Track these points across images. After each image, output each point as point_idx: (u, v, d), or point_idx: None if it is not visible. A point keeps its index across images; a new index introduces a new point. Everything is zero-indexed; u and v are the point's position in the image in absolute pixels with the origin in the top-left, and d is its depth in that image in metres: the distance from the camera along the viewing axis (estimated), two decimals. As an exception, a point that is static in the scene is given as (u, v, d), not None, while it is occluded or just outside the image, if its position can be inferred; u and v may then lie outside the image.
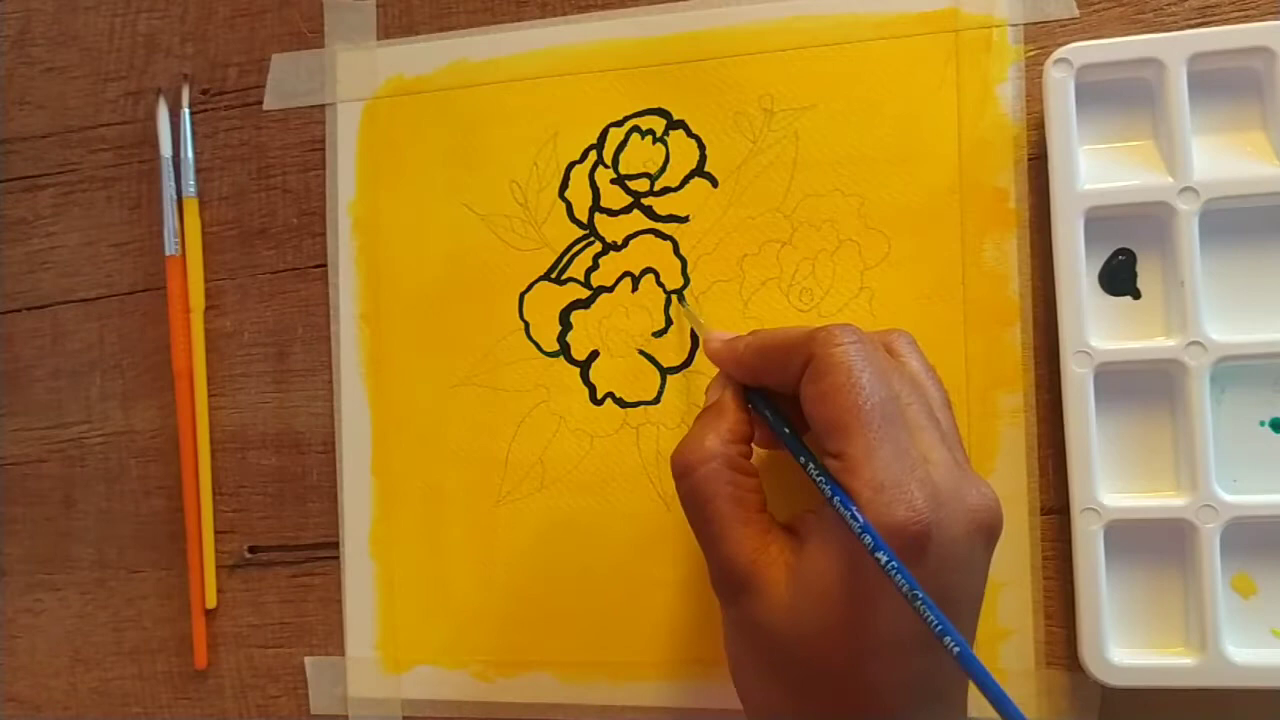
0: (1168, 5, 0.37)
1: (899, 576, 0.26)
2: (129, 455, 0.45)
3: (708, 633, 0.39)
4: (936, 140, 0.38)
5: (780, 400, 0.32)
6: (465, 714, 0.41)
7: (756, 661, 0.30)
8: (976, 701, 0.37)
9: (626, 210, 0.41)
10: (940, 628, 0.25)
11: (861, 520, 0.27)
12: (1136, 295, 0.37)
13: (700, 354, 0.40)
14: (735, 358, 0.33)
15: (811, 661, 0.28)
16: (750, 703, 0.31)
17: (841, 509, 0.27)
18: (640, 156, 0.41)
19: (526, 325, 0.41)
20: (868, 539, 0.26)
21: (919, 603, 0.25)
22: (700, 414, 0.33)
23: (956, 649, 0.25)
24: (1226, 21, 0.37)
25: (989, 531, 0.29)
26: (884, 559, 0.26)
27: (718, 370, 0.34)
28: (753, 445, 0.32)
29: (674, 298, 0.40)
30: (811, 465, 0.29)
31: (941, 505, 0.27)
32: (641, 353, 0.40)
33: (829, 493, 0.28)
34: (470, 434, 0.42)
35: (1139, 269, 0.36)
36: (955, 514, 0.28)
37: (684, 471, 0.31)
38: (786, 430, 0.31)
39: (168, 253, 0.44)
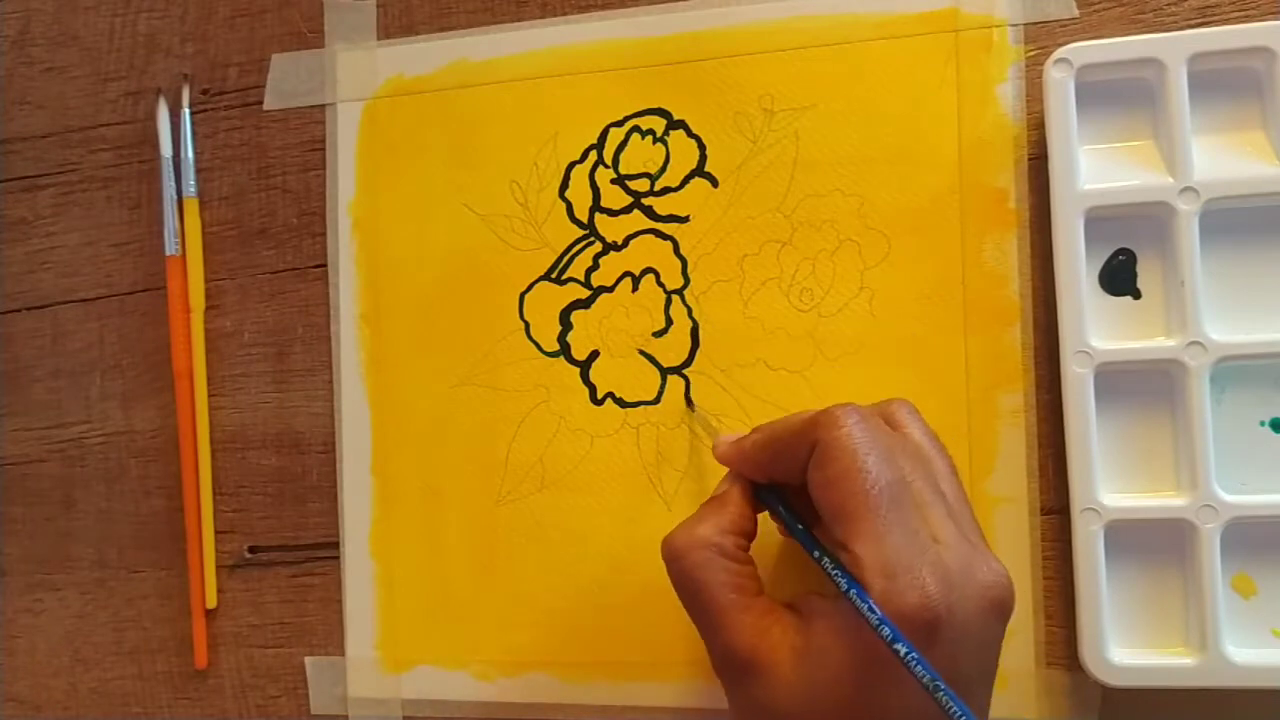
0: (1168, 5, 0.37)
1: (919, 668, 0.26)
2: (129, 455, 0.45)
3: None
4: (936, 140, 0.38)
5: (791, 495, 0.32)
6: (465, 714, 0.41)
7: None
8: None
9: (627, 210, 0.41)
10: (962, 716, 0.25)
11: (879, 614, 0.26)
12: (1136, 295, 0.36)
13: (700, 354, 0.40)
14: (742, 455, 0.33)
15: None
16: None
17: (859, 602, 0.27)
18: (640, 156, 0.41)
19: (526, 325, 0.41)
20: (886, 631, 0.26)
21: (941, 694, 0.25)
22: (703, 503, 0.33)
23: None
24: (1226, 21, 0.37)
25: (1001, 608, 0.29)
26: (904, 651, 0.26)
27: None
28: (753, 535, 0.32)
29: (686, 407, 0.40)
30: (826, 560, 0.29)
31: (953, 587, 0.27)
32: (641, 353, 0.40)
33: (844, 586, 0.28)
34: (470, 434, 0.42)
35: (1139, 269, 0.36)
36: (968, 594, 0.28)
37: (673, 556, 0.31)
38: (799, 526, 0.31)
39: (168, 253, 0.44)
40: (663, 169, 0.41)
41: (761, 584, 0.31)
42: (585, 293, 0.41)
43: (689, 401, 0.39)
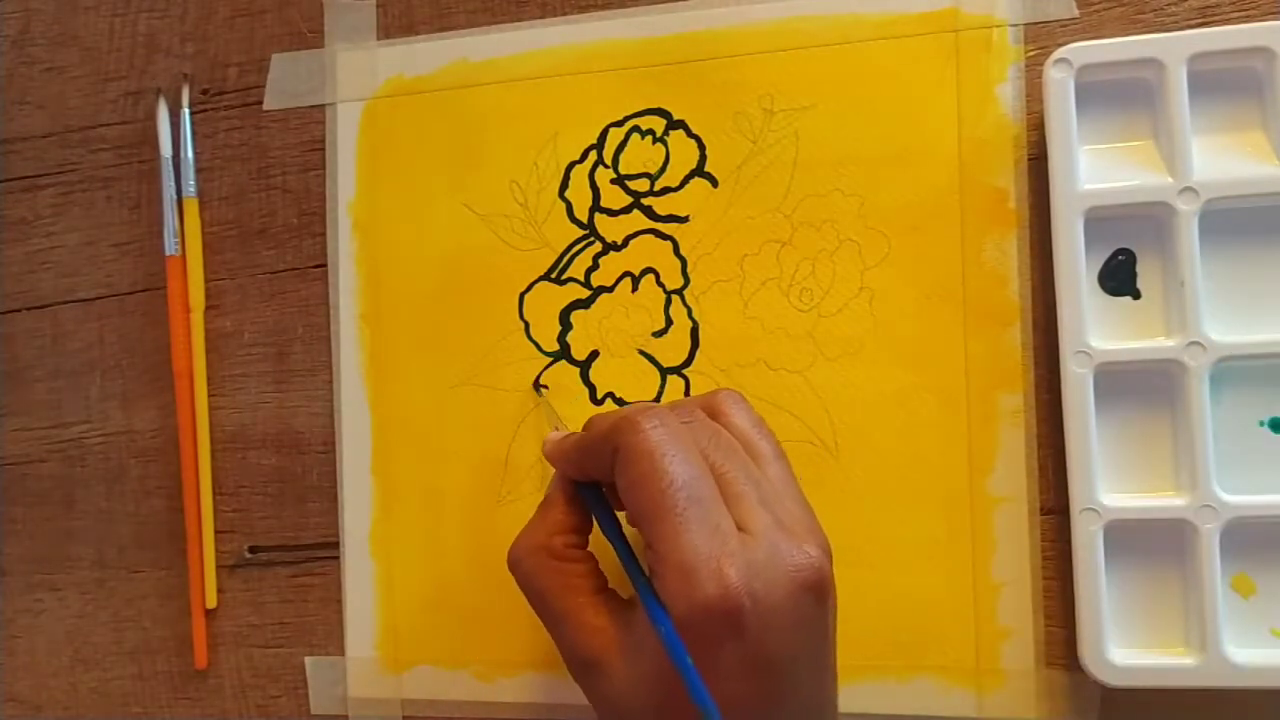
0: (1168, 5, 0.37)
1: (691, 679, 0.26)
2: (129, 455, 0.45)
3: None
4: (936, 140, 0.38)
5: (612, 491, 0.33)
6: (465, 714, 0.41)
7: None
8: (985, 702, 0.37)
9: (626, 210, 0.41)
10: None
11: (665, 630, 0.27)
12: (1136, 295, 0.36)
13: (700, 354, 0.40)
14: (562, 455, 0.34)
15: None
16: None
17: (643, 601, 0.28)
18: (640, 156, 0.41)
19: (526, 325, 0.41)
20: (661, 630, 0.27)
21: (702, 703, 0.26)
22: (536, 509, 0.34)
23: None
24: (1226, 21, 0.37)
25: (815, 588, 0.29)
26: (683, 671, 0.26)
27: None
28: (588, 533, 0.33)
29: (535, 387, 0.40)
30: (631, 568, 0.30)
31: (757, 574, 0.27)
32: (641, 353, 0.40)
33: (641, 598, 0.29)
34: (470, 434, 0.42)
35: (1139, 269, 0.36)
36: (775, 579, 0.28)
37: (511, 565, 0.33)
38: (612, 529, 0.32)
39: (168, 253, 0.44)
40: (663, 169, 0.41)
41: (602, 580, 0.32)
42: (585, 293, 0.41)
43: (537, 385, 0.40)
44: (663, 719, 0.29)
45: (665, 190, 0.41)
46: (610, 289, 0.41)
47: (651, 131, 0.41)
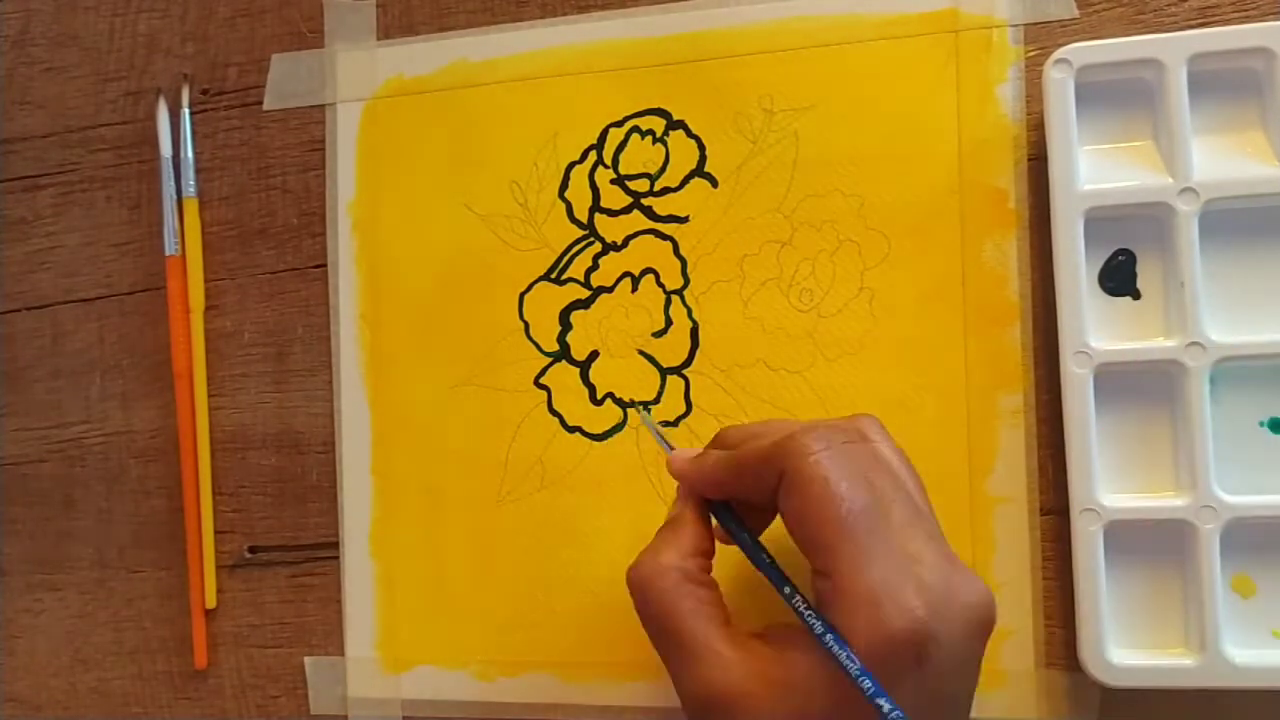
0: (1168, 5, 0.37)
1: (893, 714, 0.25)
2: (129, 455, 0.45)
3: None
4: (936, 140, 0.38)
5: (746, 512, 0.32)
6: (465, 714, 0.41)
7: None
8: (985, 702, 0.37)
9: (626, 210, 0.41)
10: None
11: (859, 666, 0.26)
12: (1136, 295, 0.36)
13: (700, 354, 0.40)
14: (702, 475, 0.32)
15: None
16: None
17: (836, 650, 0.26)
18: (640, 157, 0.41)
19: (526, 325, 0.41)
20: (867, 684, 0.26)
21: None
22: (660, 529, 0.32)
23: None
24: (1226, 22, 0.37)
25: (986, 627, 0.28)
26: (887, 708, 0.25)
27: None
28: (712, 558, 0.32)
29: (639, 409, 0.40)
30: (798, 599, 0.28)
31: (939, 609, 0.26)
32: (641, 353, 0.40)
33: (820, 632, 0.27)
34: (470, 434, 0.42)
35: (1139, 269, 0.36)
36: (953, 615, 0.27)
37: (639, 586, 0.30)
38: (765, 559, 0.30)
39: (168, 253, 0.44)
40: (662, 169, 0.41)
41: (727, 611, 0.30)
42: (585, 293, 0.41)
43: (639, 407, 0.39)
44: None
45: (665, 190, 0.41)
46: (610, 289, 0.41)
47: (651, 132, 0.41)
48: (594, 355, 0.41)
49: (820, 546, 0.27)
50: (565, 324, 0.41)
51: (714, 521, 0.32)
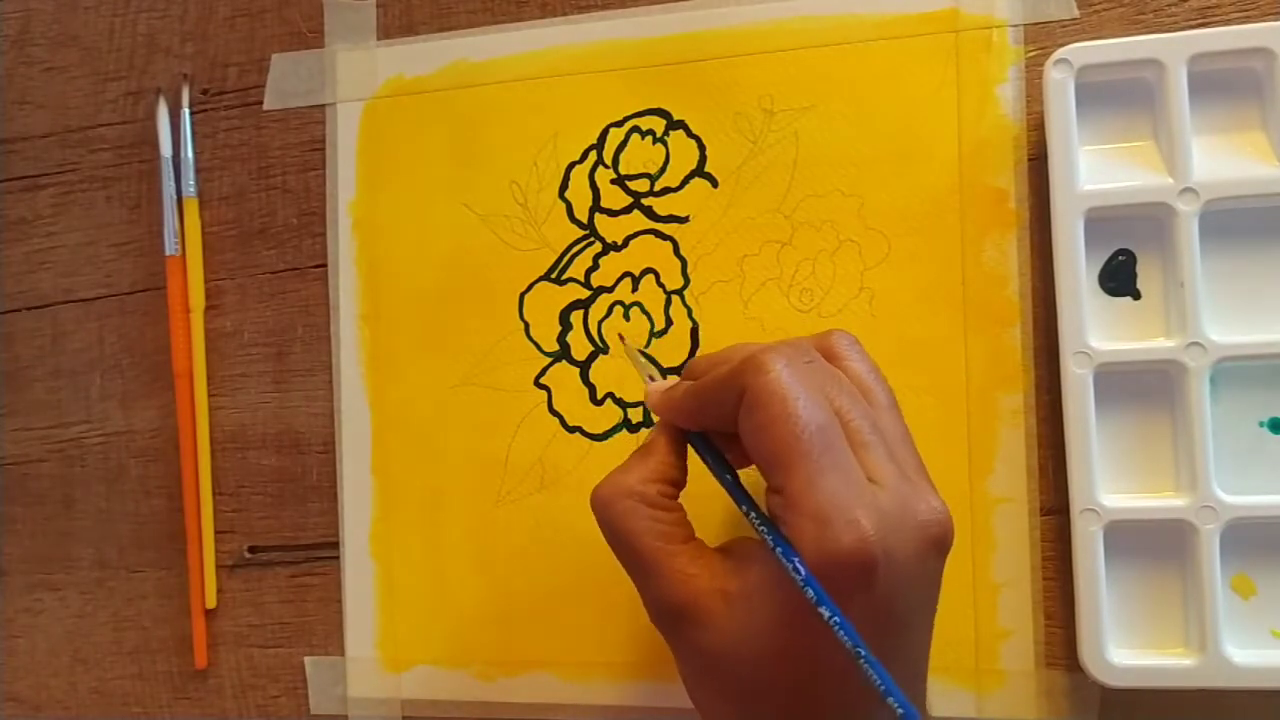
0: (1168, 6, 0.37)
1: (843, 634, 0.25)
2: (129, 455, 0.45)
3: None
4: (936, 140, 0.38)
5: (724, 442, 0.32)
6: (465, 714, 0.41)
7: (705, 684, 0.30)
8: (985, 702, 0.37)
9: (626, 210, 0.41)
10: (884, 688, 0.25)
11: (804, 573, 0.26)
12: (1136, 296, 0.37)
13: (700, 354, 0.40)
14: (672, 404, 0.32)
15: (759, 683, 0.28)
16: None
17: (785, 561, 0.27)
18: (640, 157, 0.41)
19: (526, 325, 0.41)
20: (810, 593, 0.26)
21: (862, 660, 0.25)
22: (631, 453, 0.32)
23: (901, 712, 0.25)
24: (1226, 22, 0.37)
25: (940, 544, 0.28)
26: (827, 614, 0.26)
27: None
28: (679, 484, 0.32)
29: (619, 338, 0.39)
30: (753, 514, 0.29)
31: (890, 527, 0.27)
32: (642, 353, 0.40)
33: (771, 543, 0.27)
34: (470, 434, 0.42)
35: (1139, 269, 0.36)
36: (905, 533, 0.27)
37: (599, 506, 0.31)
38: (728, 476, 0.31)
39: (168, 253, 0.44)
40: (663, 169, 0.41)
41: (691, 530, 0.31)
42: (585, 293, 0.41)
43: (623, 339, 0.39)
44: (776, 669, 0.28)
45: (665, 190, 0.41)
46: (610, 289, 0.41)
47: (651, 132, 0.41)
48: (594, 355, 0.41)
49: (774, 463, 0.27)
50: (565, 324, 0.41)
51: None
